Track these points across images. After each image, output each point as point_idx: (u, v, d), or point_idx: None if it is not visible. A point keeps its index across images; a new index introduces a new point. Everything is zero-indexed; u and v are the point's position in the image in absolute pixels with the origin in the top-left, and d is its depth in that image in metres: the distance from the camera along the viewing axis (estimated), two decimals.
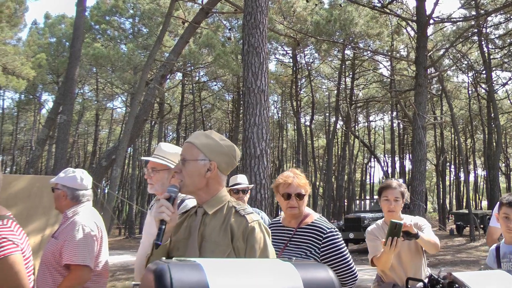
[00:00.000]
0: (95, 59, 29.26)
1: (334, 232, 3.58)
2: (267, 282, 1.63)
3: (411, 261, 4.35)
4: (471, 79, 41.43)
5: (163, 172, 3.75)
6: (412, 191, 19.76)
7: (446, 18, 27.54)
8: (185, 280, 1.57)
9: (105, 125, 58.26)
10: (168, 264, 1.63)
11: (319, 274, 1.74)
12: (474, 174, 54.65)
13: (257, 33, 9.32)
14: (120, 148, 16.66)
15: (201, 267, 1.64)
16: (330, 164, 40.66)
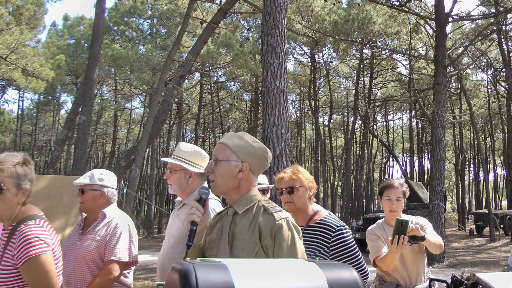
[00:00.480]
0: (113, 60, 29.42)
1: (343, 229, 3.58)
2: (291, 282, 1.63)
3: (414, 261, 4.34)
4: (490, 77, 41.10)
5: (179, 172, 3.81)
6: (431, 191, 19.64)
7: (465, 16, 27.30)
8: (211, 280, 1.58)
9: (124, 125, 58.58)
10: (193, 264, 1.64)
11: (343, 274, 1.75)
12: (494, 174, 54.16)
13: (276, 33, 9.32)
14: (139, 148, 16.71)
15: (227, 268, 1.64)
16: (349, 164, 40.52)
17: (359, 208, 39.99)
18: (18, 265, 2.77)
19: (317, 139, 40.98)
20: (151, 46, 32.83)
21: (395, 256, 4.06)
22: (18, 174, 2.92)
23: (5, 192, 2.86)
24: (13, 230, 2.89)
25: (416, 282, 4.30)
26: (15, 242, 2.82)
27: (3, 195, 2.85)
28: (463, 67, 33.98)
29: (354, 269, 1.80)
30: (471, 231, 32.12)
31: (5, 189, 2.85)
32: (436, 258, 18.26)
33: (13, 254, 2.80)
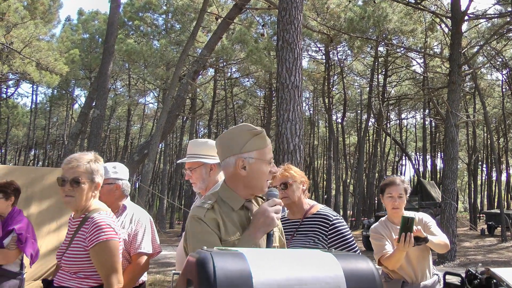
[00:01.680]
0: (128, 55, 29.53)
1: (339, 219, 3.61)
2: (308, 271, 1.64)
3: (419, 258, 4.33)
4: (505, 77, 40.86)
5: (199, 169, 3.83)
6: (443, 190, 19.60)
7: (481, 14, 27.13)
8: (228, 268, 1.59)
9: (137, 120, 58.80)
10: (211, 253, 1.65)
11: (359, 265, 1.75)
12: (507, 174, 53.78)
13: (292, 28, 9.32)
14: (152, 142, 16.77)
15: (244, 256, 1.66)
16: (361, 162, 40.45)
17: (371, 206, 39.91)
18: (89, 247, 3.16)
19: (330, 136, 40.93)
20: (165, 41, 32.90)
21: (402, 254, 4.07)
22: (92, 170, 3.31)
23: (82, 186, 3.25)
24: (85, 218, 3.27)
25: (422, 279, 4.30)
26: (88, 228, 3.21)
27: (80, 188, 3.24)
28: (478, 66, 33.75)
29: (370, 260, 1.81)
30: (483, 231, 32.01)
31: (81, 183, 3.24)
32: (447, 257, 18.20)
33: (85, 238, 3.19)
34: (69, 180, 3.22)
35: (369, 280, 1.73)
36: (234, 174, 2.59)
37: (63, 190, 3.25)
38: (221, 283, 1.54)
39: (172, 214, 44.67)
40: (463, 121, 23.89)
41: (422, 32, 32.18)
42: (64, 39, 41.45)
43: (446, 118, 20.07)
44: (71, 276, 3.20)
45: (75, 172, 3.24)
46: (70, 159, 3.31)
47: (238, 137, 2.59)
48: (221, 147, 2.64)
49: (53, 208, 7.28)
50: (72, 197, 3.24)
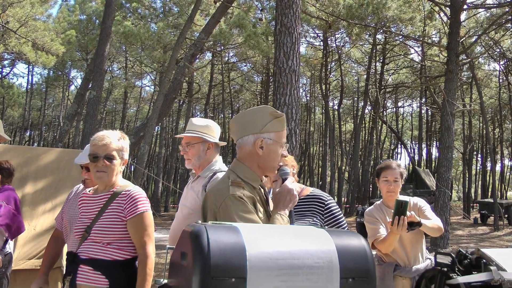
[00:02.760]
0: (125, 37, 29.36)
1: (332, 200, 3.67)
2: (301, 246, 1.66)
3: (412, 242, 4.35)
4: (502, 67, 40.87)
5: (198, 145, 3.85)
6: (438, 178, 19.67)
7: (480, 4, 27.11)
8: (222, 241, 1.61)
9: (133, 103, 58.67)
10: (205, 226, 1.67)
11: (352, 241, 1.78)
12: (501, 164, 54.10)
13: (290, 13, 9.30)
14: (148, 125, 16.75)
15: (238, 230, 1.68)
16: (357, 149, 40.54)
17: (365, 193, 40.02)
18: (127, 218, 3.31)
19: (326, 123, 40.92)
20: (163, 24, 32.74)
21: (395, 238, 4.11)
22: (122, 147, 3.47)
23: (114, 162, 3.39)
24: (117, 193, 3.41)
25: (414, 263, 4.32)
26: (125, 200, 3.35)
27: (112, 164, 3.39)
28: (475, 56, 33.75)
29: (362, 237, 1.83)
30: (476, 219, 32.21)
31: (113, 159, 3.38)
32: (440, 244, 18.29)
33: (123, 209, 3.33)
34: (102, 156, 3.35)
35: (361, 256, 1.75)
36: (250, 153, 2.65)
37: (95, 166, 3.37)
38: (214, 255, 1.56)
39: (167, 197, 44.65)
40: (459, 110, 23.93)
41: (421, 20, 32.10)
42: (61, 19, 41.25)
43: (443, 107, 20.10)
44: (104, 247, 3.28)
45: (107, 149, 3.37)
46: (102, 136, 3.42)
47: (259, 117, 2.66)
48: (240, 125, 2.69)
49: (48, 188, 7.27)
50: (105, 173, 3.37)
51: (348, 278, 1.69)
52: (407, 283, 4.21)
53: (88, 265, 3.23)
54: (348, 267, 1.70)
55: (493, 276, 2.16)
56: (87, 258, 3.25)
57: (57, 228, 4.17)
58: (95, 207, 3.40)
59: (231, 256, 1.58)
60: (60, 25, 38.71)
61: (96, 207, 3.40)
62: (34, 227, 6.58)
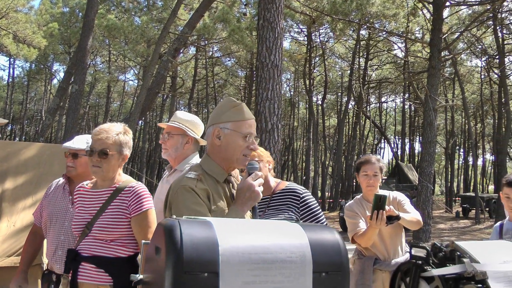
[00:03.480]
0: (108, 31, 29.14)
1: (308, 193, 3.71)
2: (274, 240, 1.67)
3: (392, 236, 4.40)
4: (484, 63, 41.23)
5: (177, 136, 3.87)
6: (420, 173, 19.87)
7: (462, 1, 27.29)
8: (195, 235, 1.61)
9: (117, 97, 58.40)
10: (178, 220, 1.67)
11: (325, 235, 1.78)
12: (483, 159, 54.69)
13: (273, 7, 9.31)
14: (131, 119, 16.71)
15: (211, 224, 1.68)
16: (340, 144, 40.65)
17: (349, 188, 40.21)
18: (132, 215, 3.27)
19: (310, 118, 41.01)
20: (147, 18, 32.55)
21: (374, 232, 4.14)
22: (120, 142, 3.37)
23: (110, 157, 3.31)
24: (120, 188, 3.35)
25: (394, 256, 4.37)
26: (129, 197, 3.32)
27: (108, 159, 3.31)
28: (458, 52, 34.01)
29: (335, 231, 1.84)
30: (457, 213, 32.57)
31: (110, 154, 3.31)
32: (422, 238, 18.43)
33: (128, 206, 3.29)
34: (97, 151, 3.30)
35: (334, 250, 1.76)
36: (212, 145, 2.66)
37: (91, 160, 3.33)
38: (187, 249, 1.56)
39: (151, 192, 44.45)
40: (441, 105, 24.11)
41: (404, 16, 32.19)
42: (43, 11, 40.85)
43: (425, 102, 20.25)
44: (106, 244, 3.23)
45: (103, 144, 3.31)
46: (99, 130, 3.39)
47: (219, 108, 2.69)
48: (208, 120, 2.72)
49: (29, 184, 7.19)
50: (99, 168, 3.31)
51: (321, 272, 1.70)
52: (386, 276, 4.25)
53: (90, 262, 3.18)
54: (321, 261, 1.70)
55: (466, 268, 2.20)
56: (90, 255, 3.19)
57: (36, 223, 4.07)
58: (96, 202, 3.35)
59: (204, 250, 1.58)
60: (42, 18, 38.39)
61: (97, 202, 3.35)
62: (14, 223, 6.50)
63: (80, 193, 3.46)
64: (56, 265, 3.62)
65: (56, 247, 3.65)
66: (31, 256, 4.04)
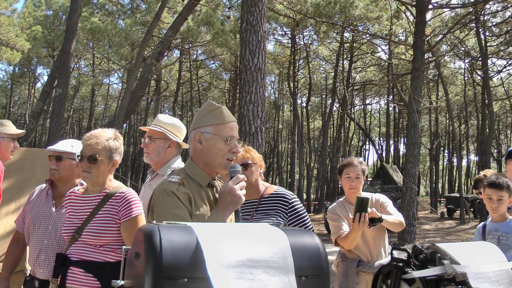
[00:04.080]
0: (92, 34, 29.05)
1: (296, 198, 3.75)
2: (255, 244, 1.67)
3: (375, 238, 4.41)
4: (467, 65, 41.57)
5: (159, 140, 3.86)
6: (405, 174, 19.94)
7: (445, 4, 27.52)
8: (175, 241, 1.61)
9: (101, 100, 58.12)
10: (158, 226, 1.67)
11: (305, 239, 1.79)
12: (467, 159, 54.93)
13: (256, 11, 9.32)
14: (115, 123, 16.63)
15: (192, 229, 1.68)
16: (325, 146, 40.72)
17: (334, 190, 40.24)
18: (122, 221, 3.26)
19: (295, 120, 41.02)
20: (130, 21, 32.47)
21: (357, 234, 4.16)
22: (110, 148, 3.38)
23: (99, 163, 3.31)
24: (110, 194, 3.35)
25: (377, 258, 4.39)
26: (119, 202, 3.30)
27: (98, 165, 3.30)
28: (441, 54, 34.25)
29: (316, 235, 1.85)
30: (442, 214, 32.78)
31: (99, 159, 3.30)
32: (407, 239, 18.49)
33: (118, 211, 3.28)
34: (87, 156, 3.30)
35: (314, 253, 1.77)
36: (194, 149, 2.66)
37: (80, 166, 3.33)
38: (167, 255, 1.56)
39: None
40: (425, 107, 24.24)
41: (388, 19, 32.35)
42: (26, 14, 40.55)
43: (409, 104, 20.35)
44: (96, 249, 3.23)
45: (93, 149, 3.31)
46: (89, 135, 3.39)
47: (199, 113, 2.70)
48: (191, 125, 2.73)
49: (12, 189, 7.11)
50: (89, 173, 3.32)
51: (302, 277, 1.71)
52: (370, 278, 4.25)
53: (79, 267, 3.18)
54: (301, 266, 1.71)
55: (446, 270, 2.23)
56: (79, 260, 3.20)
57: (18, 230, 4.03)
58: (86, 207, 3.35)
59: (184, 255, 1.58)
60: (25, 20, 38.12)
61: (87, 207, 3.35)
62: None
63: (71, 198, 3.46)
64: (40, 269, 3.59)
65: (40, 251, 3.62)
66: (13, 262, 3.98)
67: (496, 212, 4.13)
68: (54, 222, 3.72)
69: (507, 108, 49.01)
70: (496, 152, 55.74)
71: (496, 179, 4.15)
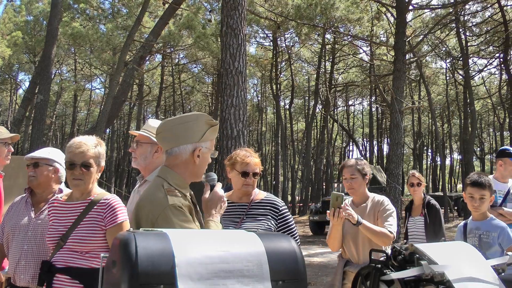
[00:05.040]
0: (73, 39, 28.87)
1: (285, 207, 3.86)
2: (231, 250, 1.68)
3: (364, 241, 4.39)
4: (448, 65, 41.89)
5: (146, 145, 3.86)
6: (388, 174, 20.05)
7: (425, 5, 27.74)
8: (151, 248, 1.61)
9: (84, 106, 57.76)
10: (134, 234, 1.67)
11: (282, 244, 1.80)
12: (450, 158, 55.49)
13: (236, 14, 9.34)
14: (98, 128, 16.58)
15: (167, 236, 1.68)
16: (309, 148, 40.77)
17: (318, 191, 40.36)
18: (107, 227, 3.28)
19: (278, 122, 41.08)
20: (112, 25, 32.33)
21: (336, 230, 4.28)
22: (99, 154, 3.41)
23: (91, 170, 3.33)
24: (95, 201, 3.35)
25: (365, 259, 4.41)
26: (104, 209, 3.32)
27: (89, 172, 3.33)
28: (422, 55, 34.50)
29: (293, 240, 1.86)
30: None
31: (91, 166, 3.33)
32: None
33: (103, 218, 3.30)
34: (79, 164, 3.29)
35: (290, 258, 1.77)
36: (186, 161, 2.63)
37: (72, 173, 3.31)
38: (142, 262, 1.57)
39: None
40: (408, 107, 24.39)
41: (369, 20, 32.53)
42: (6, 20, 40.15)
43: (391, 104, 20.44)
44: (82, 255, 3.23)
45: (84, 156, 3.31)
46: (79, 143, 3.36)
47: (196, 126, 2.64)
48: (176, 134, 2.63)
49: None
50: (81, 181, 3.31)
51: (278, 281, 1.71)
52: None
53: (65, 273, 3.18)
54: (278, 270, 1.72)
55: (424, 270, 2.26)
56: (64, 266, 3.19)
57: None
58: (71, 215, 3.35)
59: (160, 263, 1.58)
60: (5, 26, 37.79)
61: (72, 215, 3.34)
62: None
63: (54, 206, 3.44)
64: (20, 275, 3.57)
65: (20, 257, 3.60)
66: None
67: (477, 211, 4.19)
68: (34, 228, 3.71)
69: (489, 107, 49.38)
70: (479, 150, 56.29)
71: (478, 178, 4.21)
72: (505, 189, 5.47)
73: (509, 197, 5.43)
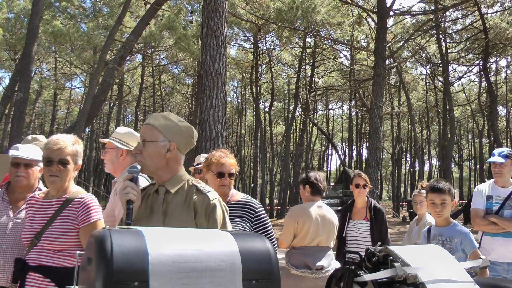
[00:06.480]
0: (54, 37, 28.70)
1: (262, 208, 3.92)
2: (204, 248, 1.70)
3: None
4: (428, 71, 42.25)
5: (112, 151, 4.04)
6: None
7: (406, 11, 27.95)
8: (125, 245, 1.62)
9: (63, 105, 57.33)
10: (110, 231, 1.69)
11: (255, 244, 1.82)
12: (429, 164, 55.82)
13: (217, 16, 9.37)
14: (77, 128, 16.48)
15: (142, 234, 1.69)
16: (288, 151, 40.87)
17: (296, 195, 40.33)
18: (81, 226, 3.29)
19: (257, 125, 41.12)
20: (93, 24, 32.18)
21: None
22: (77, 152, 3.45)
23: (68, 167, 3.36)
24: (70, 199, 3.37)
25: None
26: (79, 208, 3.34)
27: (66, 169, 3.36)
28: (402, 60, 34.74)
29: (267, 240, 1.88)
30: (404, 217, 33.06)
31: (67, 164, 3.36)
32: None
33: (76, 216, 3.31)
34: (56, 160, 3.30)
35: (264, 258, 1.79)
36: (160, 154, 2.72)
37: (49, 170, 3.31)
38: (117, 259, 1.57)
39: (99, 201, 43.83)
40: (387, 112, 24.53)
41: (350, 25, 32.73)
42: None
43: (371, 109, 20.56)
44: (54, 254, 3.23)
45: (62, 153, 3.33)
46: (57, 140, 3.37)
47: (187, 132, 2.78)
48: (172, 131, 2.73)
49: None
50: (58, 177, 3.32)
51: (252, 280, 1.73)
52: None
53: (38, 272, 3.19)
54: (251, 269, 1.74)
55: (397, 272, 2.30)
56: (37, 265, 3.20)
57: None
58: (46, 212, 3.35)
59: (134, 260, 1.59)
60: None
61: (47, 213, 3.35)
62: None
63: (31, 203, 3.46)
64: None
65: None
66: None
67: (440, 216, 4.20)
68: (13, 227, 3.67)
69: (468, 114, 49.95)
70: (458, 156, 56.75)
71: (437, 183, 4.25)
72: (504, 194, 5.22)
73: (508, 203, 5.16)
